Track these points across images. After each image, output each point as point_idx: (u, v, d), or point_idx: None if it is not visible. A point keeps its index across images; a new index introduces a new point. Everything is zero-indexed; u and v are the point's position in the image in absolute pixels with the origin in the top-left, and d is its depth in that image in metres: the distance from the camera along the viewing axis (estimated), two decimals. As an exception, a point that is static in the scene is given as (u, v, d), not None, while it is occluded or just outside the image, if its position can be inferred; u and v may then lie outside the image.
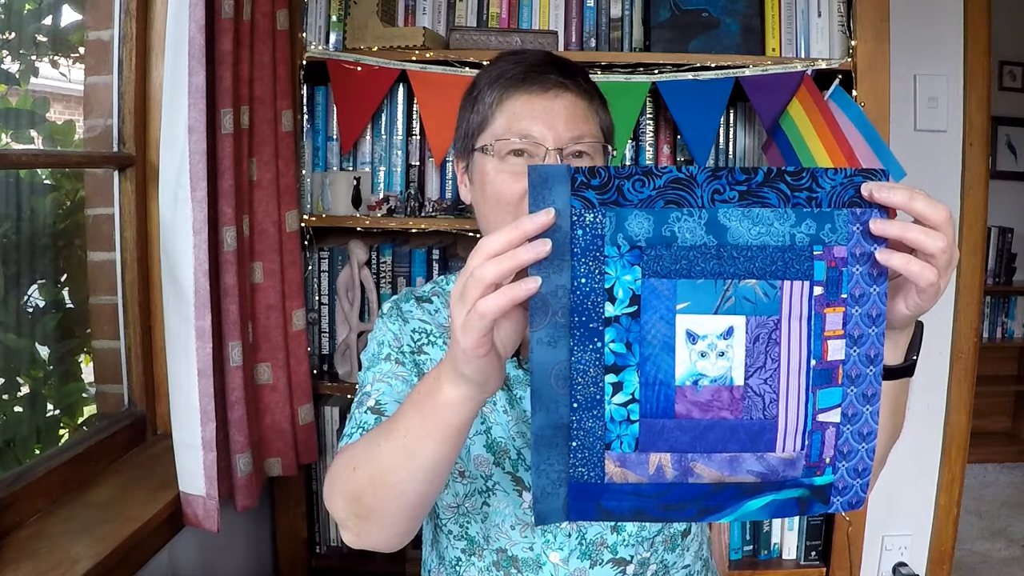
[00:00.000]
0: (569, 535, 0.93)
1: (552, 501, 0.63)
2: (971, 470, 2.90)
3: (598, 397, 0.61)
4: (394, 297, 1.04)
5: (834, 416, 0.63)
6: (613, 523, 0.93)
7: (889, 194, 0.60)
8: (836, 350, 0.62)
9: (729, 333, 0.61)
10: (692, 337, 0.61)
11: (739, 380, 0.61)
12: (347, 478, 0.77)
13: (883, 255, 0.60)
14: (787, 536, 1.87)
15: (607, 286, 0.60)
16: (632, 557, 0.94)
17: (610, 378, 0.61)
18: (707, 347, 0.61)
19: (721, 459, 0.63)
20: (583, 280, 0.60)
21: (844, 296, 0.61)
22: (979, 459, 3.60)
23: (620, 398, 0.61)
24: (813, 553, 1.87)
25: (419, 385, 0.71)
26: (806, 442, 0.63)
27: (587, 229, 0.59)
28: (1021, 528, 3.10)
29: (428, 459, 0.69)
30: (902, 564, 2.00)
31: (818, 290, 0.61)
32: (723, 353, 0.61)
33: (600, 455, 0.62)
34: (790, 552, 1.88)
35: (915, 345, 0.70)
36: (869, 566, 1.97)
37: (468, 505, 0.95)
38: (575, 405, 0.61)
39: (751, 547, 1.87)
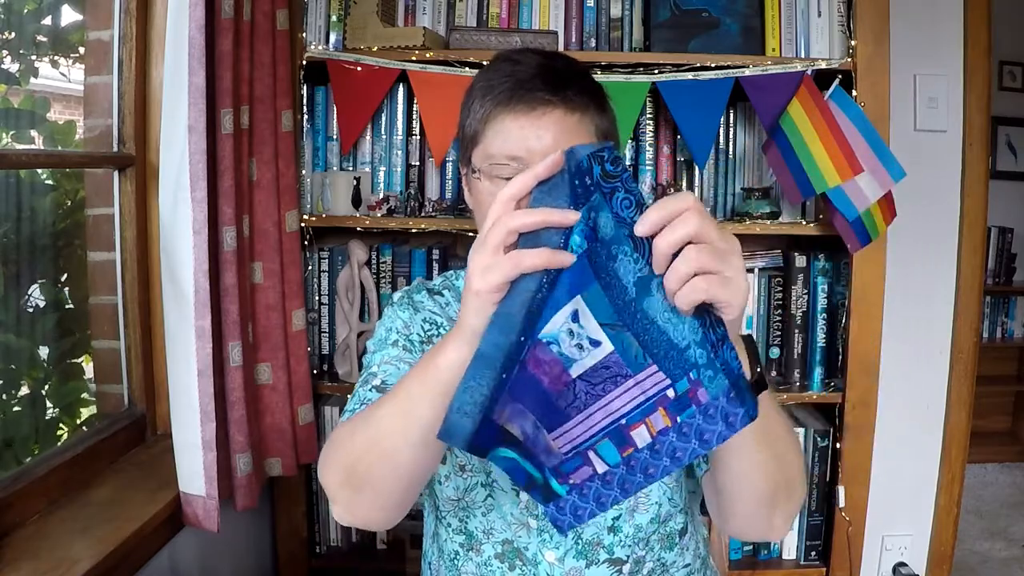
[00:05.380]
0: (567, 535, 0.93)
1: (464, 424, 0.64)
2: (971, 470, 2.89)
3: (532, 331, 0.65)
4: (406, 288, 1.05)
5: (599, 465, 0.67)
6: (610, 525, 0.94)
7: (643, 226, 0.60)
8: (641, 436, 0.65)
9: (595, 344, 0.65)
10: (575, 317, 0.65)
11: (574, 373, 0.66)
12: (344, 444, 0.79)
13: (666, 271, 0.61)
14: (787, 536, 1.87)
15: (566, 236, 0.64)
16: (628, 557, 0.94)
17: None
18: (576, 332, 0.65)
19: (515, 408, 0.66)
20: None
21: (679, 420, 0.64)
22: (979, 459, 3.60)
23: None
24: (813, 553, 1.87)
25: (423, 355, 0.74)
26: (569, 454, 0.68)
27: (582, 184, 0.63)
28: (1021, 528, 3.10)
29: (424, 421, 0.70)
30: (902, 564, 2.00)
31: (671, 394, 0.64)
32: (581, 347, 0.65)
33: (503, 390, 0.65)
34: (790, 552, 1.88)
35: (755, 359, 0.68)
36: (869, 566, 1.97)
37: (468, 499, 0.95)
38: (522, 339, 0.64)
39: (751, 547, 1.87)
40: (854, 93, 1.69)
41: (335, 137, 1.79)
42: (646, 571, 0.96)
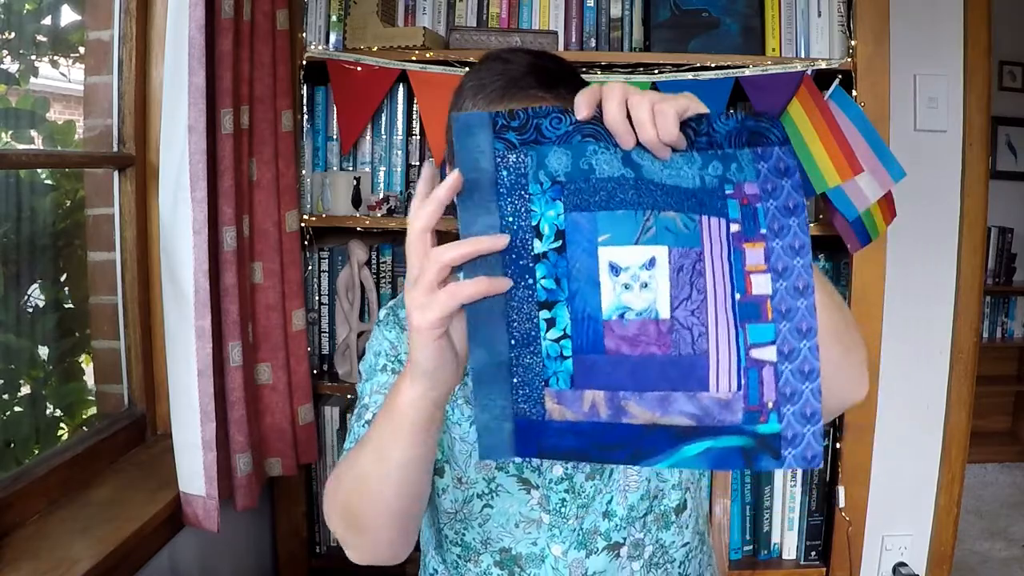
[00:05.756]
0: (574, 530, 0.93)
1: (496, 436, 0.62)
2: (971, 470, 2.89)
3: (534, 333, 0.61)
4: (390, 303, 1.03)
5: (770, 354, 0.60)
6: (604, 510, 0.94)
7: (581, 110, 0.61)
8: (761, 284, 0.60)
9: (651, 264, 0.59)
10: (615, 269, 0.60)
11: (664, 313, 0.59)
12: (336, 489, 0.80)
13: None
14: (787, 536, 1.87)
15: (534, 223, 0.61)
16: (624, 540, 0.94)
17: (544, 314, 0.61)
18: (630, 279, 0.60)
19: (653, 398, 0.60)
20: (511, 219, 0.61)
21: (763, 231, 0.61)
22: (979, 459, 3.60)
23: (553, 334, 0.61)
24: (813, 553, 1.87)
25: (387, 395, 0.73)
26: (742, 381, 0.60)
27: (511, 169, 0.61)
28: (1021, 528, 3.10)
29: (397, 461, 0.71)
30: (902, 564, 2.00)
31: (735, 227, 0.61)
32: (646, 284, 0.59)
33: (540, 392, 0.62)
34: (790, 552, 1.87)
35: None
36: (869, 566, 1.97)
37: (465, 511, 0.95)
38: (512, 342, 0.61)
39: (751, 547, 1.87)
40: (854, 93, 1.69)
41: (335, 137, 1.79)
42: (647, 555, 0.96)
